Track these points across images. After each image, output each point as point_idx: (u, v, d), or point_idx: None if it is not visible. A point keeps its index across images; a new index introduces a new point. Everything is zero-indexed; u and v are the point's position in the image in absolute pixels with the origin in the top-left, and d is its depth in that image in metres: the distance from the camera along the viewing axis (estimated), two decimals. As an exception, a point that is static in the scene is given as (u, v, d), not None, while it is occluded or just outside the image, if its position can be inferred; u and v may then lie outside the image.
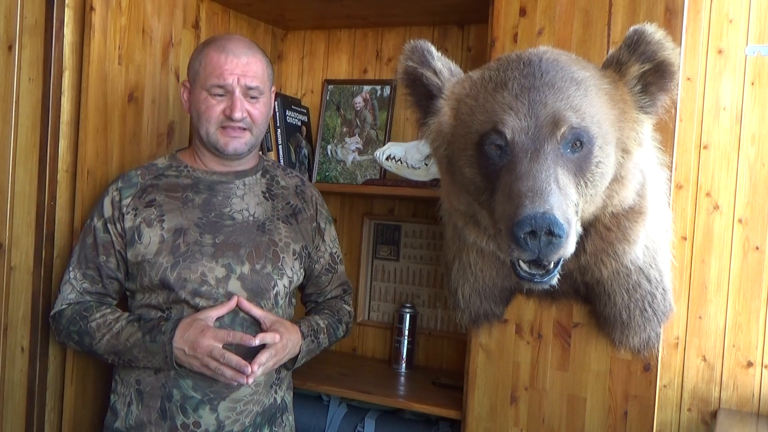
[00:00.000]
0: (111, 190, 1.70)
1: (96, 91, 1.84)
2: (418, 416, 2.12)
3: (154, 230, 1.64)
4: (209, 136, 1.67)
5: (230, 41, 1.68)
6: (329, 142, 2.49)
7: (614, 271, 1.57)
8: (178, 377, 1.61)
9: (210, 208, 1.68)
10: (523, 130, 1.32)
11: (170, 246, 1.62)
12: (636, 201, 1.50)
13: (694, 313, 1.99)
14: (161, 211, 1.66)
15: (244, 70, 1.65)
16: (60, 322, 1.67)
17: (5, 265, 1.87)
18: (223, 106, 1.65)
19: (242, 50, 1.66)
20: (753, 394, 1.93)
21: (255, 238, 1.69)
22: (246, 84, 1.65)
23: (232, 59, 1.64)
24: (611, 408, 1.71)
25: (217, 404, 1.61)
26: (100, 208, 1.70)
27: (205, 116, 1.66)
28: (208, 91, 1.65)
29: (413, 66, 1.49)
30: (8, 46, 1.87)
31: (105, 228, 1.67)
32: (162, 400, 1.62)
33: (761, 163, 1.94)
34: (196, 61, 1.69)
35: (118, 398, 1.69)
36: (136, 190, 1.68)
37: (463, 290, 1.76)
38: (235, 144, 1.67)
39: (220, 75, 1.63)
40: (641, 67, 1.40)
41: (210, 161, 1.73)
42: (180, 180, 1.71)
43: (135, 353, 1.59)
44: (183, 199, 1.68)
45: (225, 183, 1.72)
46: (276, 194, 1.78)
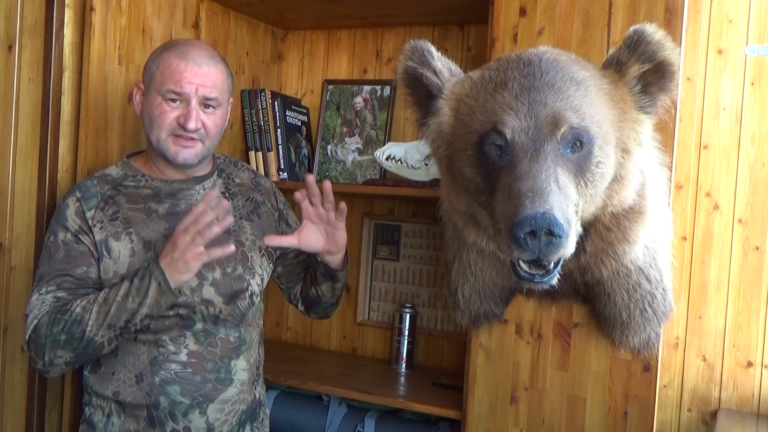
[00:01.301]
0: (70, 202, 1.60)
1: (96, 91, 1.84)
2: (418, 416, 2.12)
3: (123, 243, 1.58)
4: (160, 142, 1.60)
5: (192, 48, 1.62)
6: (329, 142, 2.49)
7: (614, 271, 1.57)
8: (164, 384, 1.57)
9: (174, 217, 1.63)
10: (523, 130, 1.32)
11: (142, 260, 1.57)
12: (636, 201, 1.50)
13: (694, 313, 1.99)
14: (127, 223, 1.59)
15: (204, 80, 1.59)
16: (39, 335, 1.49)
17: (5, 265, 1.88)
18: (177, 114, 1.59)
19: (203, 59, 1.61)
20: (753, 394, 1.93)
21: (221, 242, 1.60)
22: (204, 95, 1.59)
23: (192, 67, 1.58)
24: (611, 408, 1.71)
25: (206, 407, 1.60)
26: (62, 221, 1.58)
27: (157, 122, 1.59)
28: (162, 96, 1.58)
29: (413, 66, 1.49)
30: (8, 46, 1.87)
31: (77, 239, 1.57)
32: (148, 409, 1.58)
33: (761, 163, 1.94)
34: (154, 63, 1.62)
35: (94, 410, 1.62)
36: (98, 201, 1.60)
37: (463, 290, 1.75)
38: (185, 154, 1.61)
39: (178, 82, 1.57)
40: (641, 67, 1.40)
41: (166, 169, 1.67)
42: (140, 190, 1.65)
43: (129, 306, 1.48)
44: (146, 211, 1.62)
45: (186, 190, 1.67)
46: (234, 192, 1.75)
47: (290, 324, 2.63)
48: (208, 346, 1.60)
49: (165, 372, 1.57)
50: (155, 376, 1.57)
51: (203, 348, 1.60)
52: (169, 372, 1.58)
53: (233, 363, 1.64)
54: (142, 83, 1.66)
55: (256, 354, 1.73)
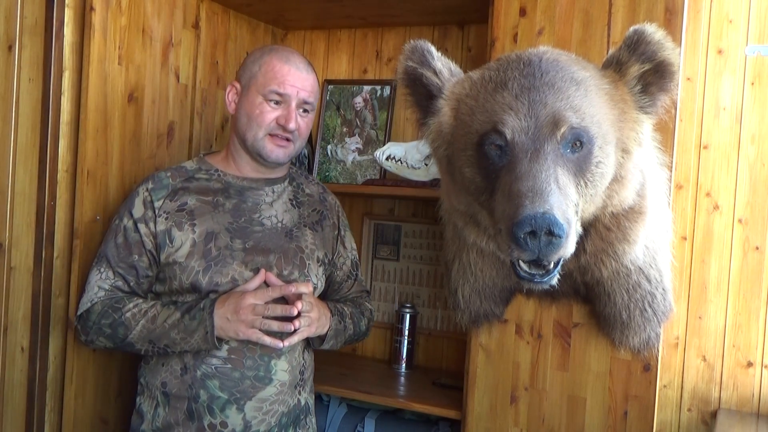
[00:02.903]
0: (141, 191, 1.69)
1: (96, 91, 1.84)
2: (418, 416, 2.13)
3: (186, 233, 1.64)
4: (256, 140, 1.67)
5: (293, 54, 1.72)
6: (329, 142, 2.49)
7: (614, 271, 1.57)
8: (205, 378, 1.62)
9: (240, 213, 1.69)
10: (523, 130, 1.32)
11: (202, 250, 1.63)
12: (636, 201, 1.50)
13: (694, 313, 1.99)
14: (192, 214, 1.66)
15: (304, 85, 1.68)
16: (89, 319, 1.63)
17: (5, 265, 1.87)
18: (277, 114, 1.66)
19: (303, 65, 1.71)
20: (753, 394, 1.93)
21: (283, 244, 1.71)
22: (303, 98, 1.68)
23: (295, 71, 1.67)
24: (611, 408, 1.71)
25: (243, 404, 1.63)
26: (130, 208, 1.68)
27: (257, 121, 1.66)
28: (264, 96, 1.66)
29: (413, 66, 1.49)
30: (8, 46, 1.87)
31: (135, 228, 1.66)
32: (189, 402, 1.63)
33: (761, 163, 1.94)
34: (255, 65, 1.69)
35: (144, 401, 1.69)
36: (168, 192, 1.68)
37: (463, 290, 1.76)
38: (279, 153, 1.69)
39: (282, 83, 1.65)
40: (641, 67, 1.40)
41: (245, 166, 1.74)
42: (211, 184, 1.71)
43: (173, 336, 1.58)
44: (214, 203, 1.68)
45: (255, 189, 1.73)
46: (302, 202, 1.81)
47: (290, 324, 2.63)
48: (249, 343, 1.63)
49: (206, 366, 1.62)
50: (197, 369, 1.63)
51: (244, 344, 1.64)
52: (210, 366, 1.62)
53: (273, 363, 1.66)
54: (237, 83, 1.72)
55: (300, 359, 1.74)
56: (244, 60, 1.76)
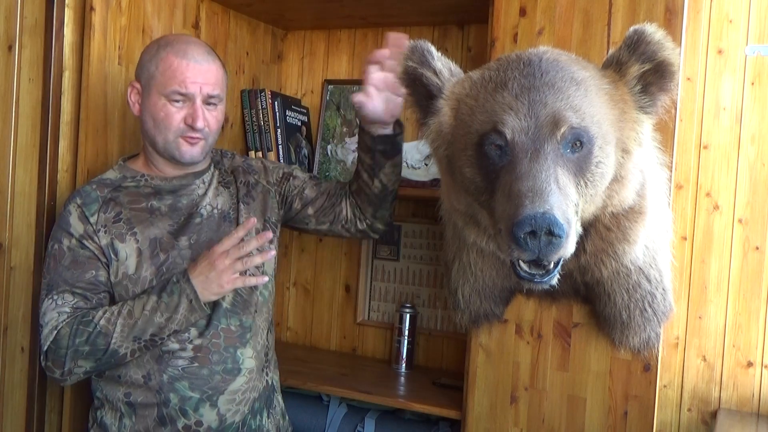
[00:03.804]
0: (72, 209, 1.60)
1: (96, 91, 1.84)
2: (418, 416, 2.12)
3: (129, 245, 1.59)
4: (167, 143, 1.61)
5: (189, 45, 1.61)
6: (329, 142, 2.49)
7: (614, 271, 1.57)
8: (173, 381, 1.59)
9: (178, 212, 1.65)
10: (523, 130, 1.32)
11: (149, 257, 1.59)
12: (636, 201, 1.50)
13: (694, 313, 1.99)
14: (131, 223, 1.60)
15: (206, 78, 1.59)
16: (60, 346, 1.51)
17: (5, 265, 1.88)
18: (183, 114, 1.59)
19: (203, 56, 1.61)
20: (753, 394, 1.93)
21: (225, 229, 1.67)
22: (207, 93, 1.60)
23: (194, 66, 1.58)
24: (611, 408, 1.71)
25: (216, 399, 1.61)
26: (65, 227, 1.59)
27: (164, 124, 1.59)
28: (167, 97, 1.58)
29: (413, 66, 1.49)
30: (8, 46, 1.87)
31: (81, 244, 1.57)
32: (159, 407, 1.59)
33: (761, 163, 1.94)
34: (151, 63, 1.60)
35: (105, 413, 1.63)
36: (99, 205, 1.60)
37: (463, 290, 1.75)
38: (192, 152, 1.62)
39: (182, 82, 1.56)
40: (641, 67, 1.40)
41: (165, 167, 1.68)
42: (140, 189, 1.65)
43: (157, 320, 1.51)
44: (149, 209, 1.63)
45: (186, 186, 1.69)
46: (229, 181, 1.76)
47: (290, 324, 2.63)
48: (212, 338, 1.60)
49: (172, 369, 1.58)
50: (163, 374, 1.58)
51: (207, 340, 1.60)
52: (176, 368, 1.58)
53: (239, 352, 1.64)
54: (137, 83, 1.64)
55: (264, 340, 1.73)
56: (141, 55, 1.66)
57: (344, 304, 2.52)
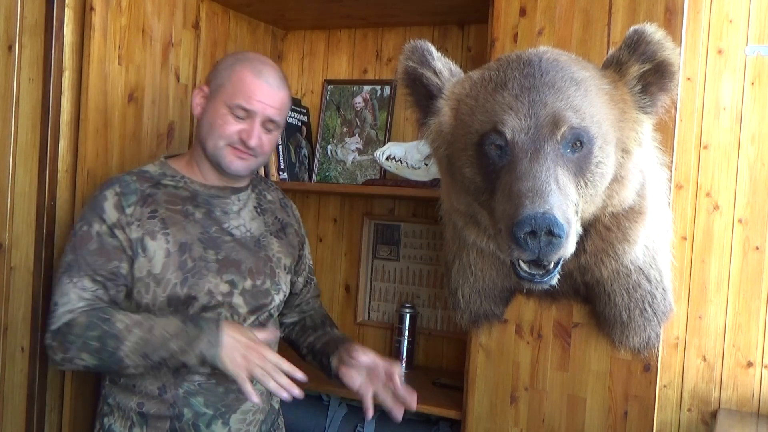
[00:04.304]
0: (109, 195, 1.58)
1: (96, 91, 1.84)
2: (418, 416, 2.12)
3: (159, 243, 1.57)
4: (216, 149, 1.61)
5: (266, 66, 1.64)
6: (329, 142, 2.49)
7: (614, 271, 1.57)
8: (188, 395, 1.58)
9: (210, 223, 1.64)
10: (523, 130, 1.32)
11: (177, 261, 1.57)
12: (636, 201, 1.50)
13: (694, 313, 1.99)
14: (165, 223, 1.59)
15: (272, 102, 1.61)
16: (71, 332, 1.48)
17: (5, 265, 1.88)
18: (240, 128, 1.60)
19: (275, 81, 1.63)
20: (753, 394, 1.93)
21: (254, 253, 1.68)
22: (269, 116, 1.61)
23: (265, 87, 1.60)
24: (611, 408, 1.71)
25: (228, 417, 1.61)
26: (98, 212, 1.57)
27: (218, 131, 1.60)
28: (230, 108, 1.59)
29: (413, 66, 1.49)
30: (8, 46, 1.87)
31: (111, 233, 1.55)
32: (171, 421, 1.58)
33: (761, 163, 1.94)
34: (224, 73, 1.62)
35: (115, 421, 1.60)
36: (137, 198, 1.59)
37: (463, 290, 1.75)
38: (239, 165, 1.63)
39: (249, 99, 1.58)
40: (641, 67, 1.40)
41: (209, 173, 1.67)
42: (179, 191, 1.65)
43: (171, 346, 1.47)
44: (184, 213, 1.62)
45: (222, 198, 1.69)
46: (266, 209, 1.77)
47: (290, 324, 2.63)
48: None
49: (189, 383, 1.58)
50: (179, 387, 1.57)
51: None
52: (192, 383, 1.58)
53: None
54: (206, 87, 1.66)
55: None
56: (216, 64, 1.68)
57: (344, 304, 2.52)
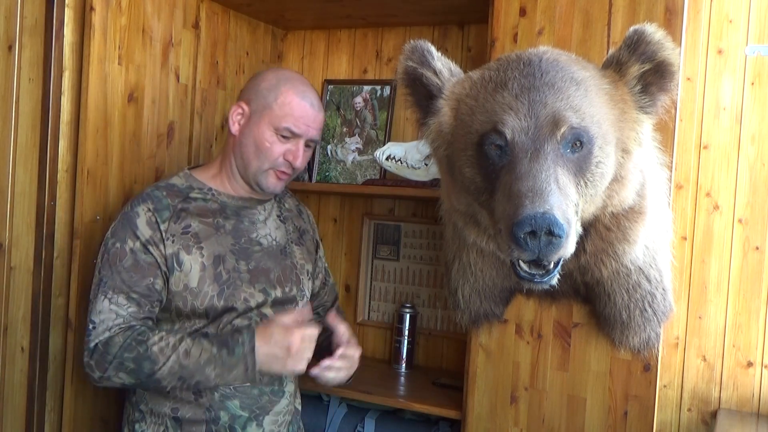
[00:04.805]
0: (141, 211, 1.59)
1: (96, 91, 1.84)
2: (418, 416, 2.12)
3: (194, 257, 1.59)
4: (260, 171, 1.65)
5: (308, 88, 1.69)
6: (329, 142, 2.49)
7: (614, 271, 1.57)
8: (224, 399, 1.60)
9: (240, 234, 1.68)
10: (523, 130, 1.32)
11: (212, 274, 1.60)
12: (636, 201, 1.50)
13: (694, 313, 1.99)
14: (198, 237, 1.61)
15: (315, 124, 1.68)
16: (109, 352, 1.50)
17: (5, 265, 1.88)
18: (285, 150, 1.64)
19: (317, 103, 1.70)
20: (753, 394, 1.93)
21: (280, 262, 1.72)
22: (312, 137, 1.68)
23: (310, 110, 1.66)
24: (611, 408, 1.71)
25: (262, 419, 1.64)
26: (132, 228, 1.58)
27: (265, 154, 1.64)
28: (277, 130, 1.63)
29: (413, 66, 1.49)
30: (8, 46, 1.87)
31: (146, 249, 1.57)
32: (207, 424, 1.60)
33: (761, 163, 1.94)
34: (270, 94, 1.65)
35: (147, 428, 1.62)
36: (170, 214, 1.61)
37: (463, 290, 1.76)
38: (278, 186, 1.69)
39: (297, 122, 1.63)
40: (641, 67, 1.40)
41: (238, 187, 1.71)
42: (208, 204, 1.67)
43: (207, 372, 1.49)
44: (215, 225, 1.65)
45: (249, 208, 1.72)
46: (286, 217, 1.82)
47: (290, 324, 2.63)
48: None
49: (224, 387, 1.59)
50: (215, 392, 1.59)
51: None
52: (228, 387, 1.60)
53: (284, 375, 1.68)
54: (246, 106, 1.67)
55: None
56: (255, 82, 1.70)
57: (344, 304, 2.52)
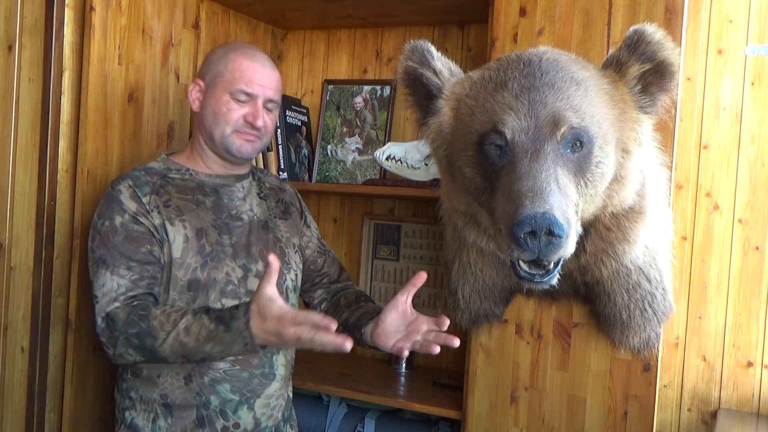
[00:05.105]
0: (122, 188, 1.60)
1: (96, 91, 1.84)
2: (418, 416, 2.12)
3: (178, 229, 1.61)
4: (224, 137, 1.66)
5: (257, 51, 1.71)
6: (329, 142, 2.49)
7: (614, 271, 1.57)
8: (214, 383, 1.60)
9: (220, 209, 1.69)
10: (523, 130, 1.32)
11: (196, 246, 1.61)
12: (636, 201, 1.50)
13: (694, 313, 1.99)
14: (180, 210, 1.63)
15: (270, 83, 1.68)
16: (115, 327, 1.49)
17: (5, 265, 1.88)
18: (244, 112, 1.65)
19: (269, 63, 1.70)
20: (753, 394, 1.93)
21: (262, 236, 1.72)
22: (268, 96, 1.68)
23: (261, 69, 1.67)
24: (611, 408, 1.71)
25: (253, 402, 1.64)
26: (118, 205, 1.58)
27: (224, 118, 1.65)
28: (231, 94, 1.64)
29: (413, 66, 1.49)
30: (8, 46, 1.87)
31: (135, 220, 1.57)
32: (198, 409, 1.60)
33: (761, 163, 1.94)
34: (220, 63, 1.67)
35: (137, 415, 1.61)
36: (150, 189, 1.62)
37: (463, 290, 1.76)
38: (248, 148, 1.68)
39: (250, 83, 1.64)
40: (641, 67, 1.40)
41: (213, 163, 1.72)
42: (186, 183, 1.69)
43: (207, 349, 1.46)
44: (195, 201, 1.67)
45: (227, 186, 1.73)
46: (267, 194, 1.82)
47: (290, 324, 2.63)
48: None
49: (214, 371, 1.60)
50: (204, 376, 1.60)
51: None
52: (217, 371, 1.61)
53: (275, 358, 1.68)
54: (201, 81, 1.70)
55: (292, 352, 1.77)
56: (207, 57, 1.73)
57: (344, 304, 2.52)
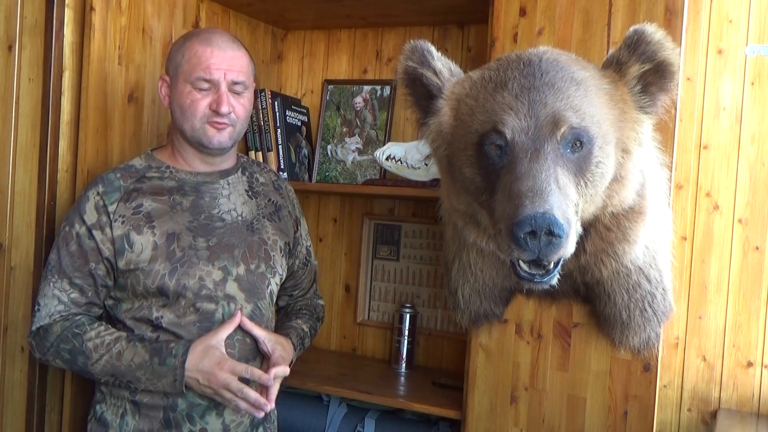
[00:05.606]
0: (92, 195, 1.60)
1: (96, 91, 1.84)
2: (418, 416, 2.12)
3: (145, 237, 1.58)
4: (194, 130, 1.61)
5: (214, 34, 1.64)
6: (329, 142, 2.49)
7: (614, 271, 1.57)
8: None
9: (199, 210, 1.64)
10: (523, 130, 1.32)
11: (165, 252, 1.58)
12: (636, 201, 1.50)
13: (694, 313, 1.99)
14: (150, 216, 1.60)
15: (231, 65, 1.60)
16: (47, 339, 1.56)
17: (5, 265, 1.88)
18: (209, 100, 1.60)
19: (228, 44, 1.62)
20: (753, 394, 1.93)
21: (246, 238, 1.68)
22: (232, 79, 1.61)
23: (219, 53, 1.59)
24: (611, 408, 1.71)
25: (222, 409, 1.61)
26: (80, 214, 1.59)
27: (190, 111, 1.60)
28: (192, 84, 1.59)
29: (413, 66, 1.49)
30: (8, 46, 1.87)
31: (89, 234, 1.58)
32: (165, 411, 1.58)
33: (761, 163, 1.94)
34: (178, 53, 1.63)
35: (107, 409, 1.62)
36: (121, 195, 1.60)
37: (463, 290, 1.76)
38: (220, 137, 1.62)
39: (207, 69, 1.58)
40: (641, 67, 1.40)
41: (193, 160, 1.68)
42: (164, 182, 1.65)
43: (138, 375, 1.52)
44: (171, 203, 1.63)
45: (210, 183, 1.69)
46: (258, 192, 1.77)
47: (290, 324, 2.63)
48: (227, 348, 1.58)
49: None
50: None
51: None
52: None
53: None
54: (167, 76, 1.67)
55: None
56: (169, 52, 1.69)
57: (344, 304, 2.52)
